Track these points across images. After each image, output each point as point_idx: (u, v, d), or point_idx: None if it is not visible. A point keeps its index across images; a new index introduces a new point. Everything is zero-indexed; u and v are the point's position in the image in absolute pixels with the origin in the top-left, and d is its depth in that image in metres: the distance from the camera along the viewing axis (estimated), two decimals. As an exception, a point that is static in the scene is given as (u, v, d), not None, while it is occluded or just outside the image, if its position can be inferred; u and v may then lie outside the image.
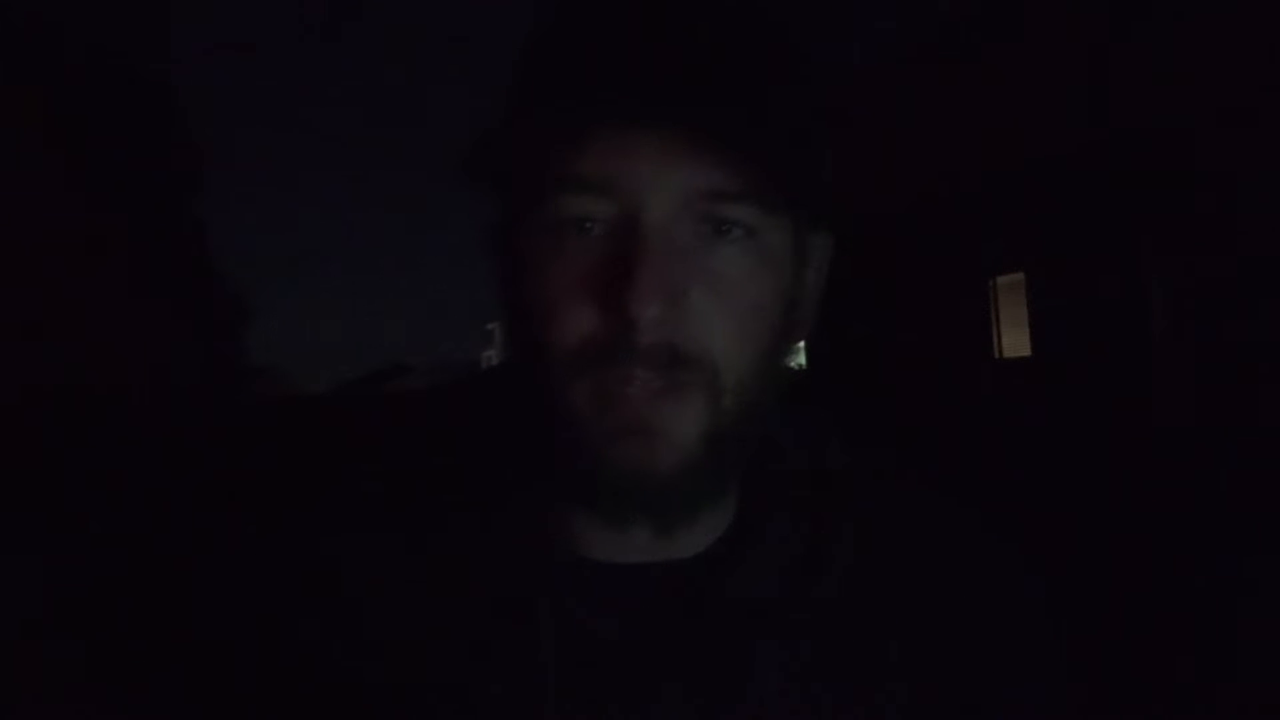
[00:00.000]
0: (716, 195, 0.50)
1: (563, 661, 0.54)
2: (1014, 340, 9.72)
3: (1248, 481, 5.61)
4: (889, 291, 11.02)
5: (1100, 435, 7.83)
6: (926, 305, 10.65)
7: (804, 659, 0.55)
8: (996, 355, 9.93)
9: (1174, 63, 7.53)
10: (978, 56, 9.76)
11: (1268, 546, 4.39)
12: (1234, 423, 6.90)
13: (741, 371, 0.52)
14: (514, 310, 0.54)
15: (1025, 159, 8.99)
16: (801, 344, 0.60)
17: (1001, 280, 9.80)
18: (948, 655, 0.57)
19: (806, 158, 0.53)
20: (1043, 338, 9.21)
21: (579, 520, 0.57)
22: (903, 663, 0.56)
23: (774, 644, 0.55)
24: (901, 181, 10.86)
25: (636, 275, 0.48)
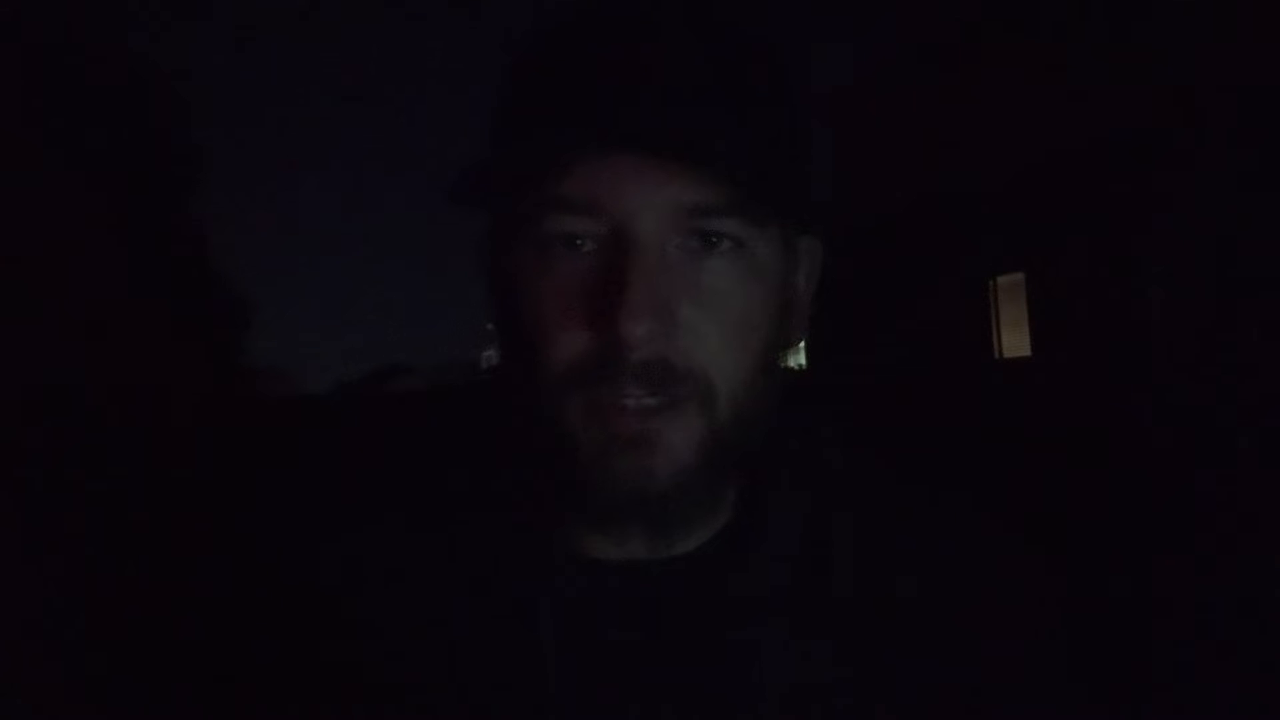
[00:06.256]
0: (703, 211, 0.51)
1: (564, 660, 0.54)
2: (1014, 340, 9.72)
3: (1249, 481, 5.60)
4: (889, 292, 11.01)
5: (1100, 435, 7.82)
6: (926, 305, 10.64)
7: (807, 654, 0.55)
8: (996, 355, 9.93)
9: (1174, 62, 7.53)
10: (978, 56, 9.76)
11: (1269, 546, 4.39)
12: (1234, 423, 6.90)
13: (734, 383, 0.53)
14: (506, 325, 0.55)
15: (1024, 159, 8.99)
16: (801, 344, 0.61)
17: (1001, 280, 9.80)
18: (951, 649, 0.58)
19: (790, 167, 0.54)
20: (1043, 338, 9.21)
21: (577, 520, 0.57)
22: (906, 657, 0.57)
23: (777, 639, 0.55)
24: (901, 181, 10.86)
25: (627, 293, 0.49)
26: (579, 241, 0.52)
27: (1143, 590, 4.01)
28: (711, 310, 0.52)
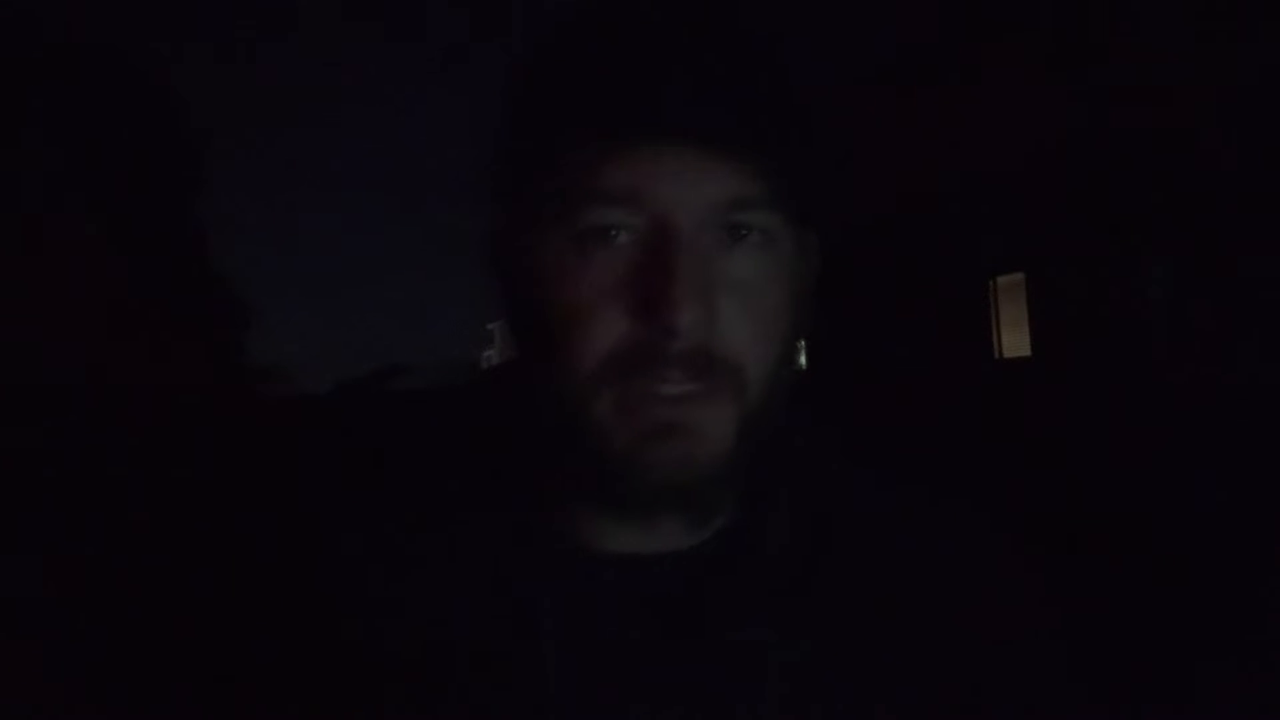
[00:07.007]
0: (740, 204, 0.52)
1: (564, 659, 0.54)
2: (1014, 340, 9.72)
3: (1249, 481, 5.60)
4: (889, 292, 11.01)
5: (1100, 435, 7.82)
6: (926, 305, 10.64)
7: (807, 654, 0.55)
8: (996, 355, 9.93)
9: (1174, 62, 7.53)
10: (978, 55, 9.76)
11: (1270, 546, 4.38)
12: (1234, 421, 6.90)
13: (763, 370, 0.54)
14: (531, 319, 0.55)
15: (1024, 159, 8.99)
16: (802, 344, 0.61)
17: (1001, 280, 9.80)
18: (951, 648, 0.58)
19: (810, 163, 0.55)
20: (1043, 338, 9.21)
21: (579, 517, 0.57)
22: (906, 657, 0.57)
23: (778, 639, 0.55)
24: (901, 181, 10.85)
25: (673, 283, 0.50)
26: (613, 233, 0.52)
27: (1142, 590, 4.01)
28: (742, 301, 0.53)
